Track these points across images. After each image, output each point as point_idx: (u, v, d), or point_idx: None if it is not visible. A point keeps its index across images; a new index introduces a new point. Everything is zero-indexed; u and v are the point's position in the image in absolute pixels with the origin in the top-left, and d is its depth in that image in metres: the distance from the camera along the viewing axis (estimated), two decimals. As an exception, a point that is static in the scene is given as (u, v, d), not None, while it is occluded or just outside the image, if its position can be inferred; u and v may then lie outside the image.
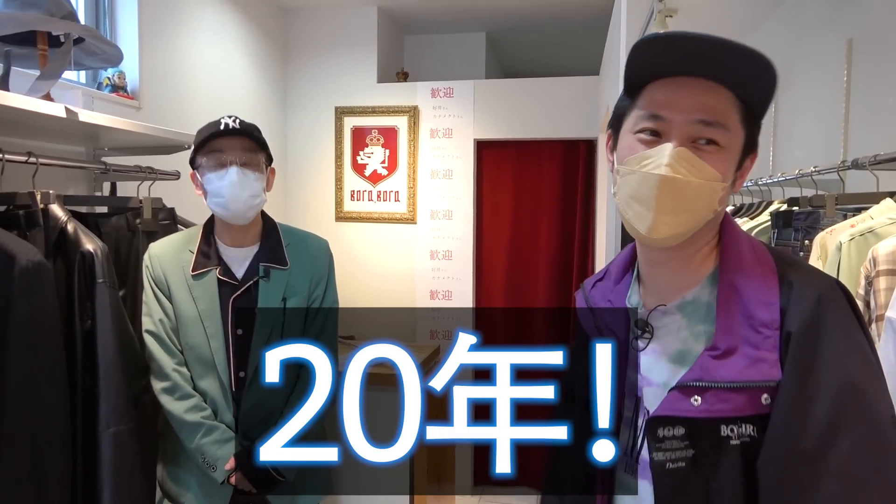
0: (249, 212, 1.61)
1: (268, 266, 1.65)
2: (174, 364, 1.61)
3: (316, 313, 1.71)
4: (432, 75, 3.81)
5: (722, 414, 0.74)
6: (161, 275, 1.63)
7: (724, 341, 0.76)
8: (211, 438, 1.57)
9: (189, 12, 2.70)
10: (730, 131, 0.78)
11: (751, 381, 0.73)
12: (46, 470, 1.29)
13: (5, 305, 1.26)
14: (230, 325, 1.61)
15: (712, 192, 0.77)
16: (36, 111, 1.45)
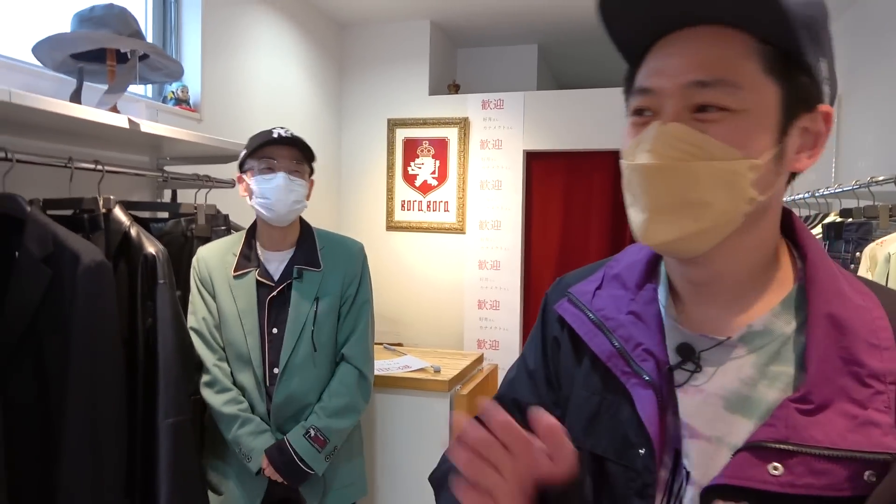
0: (291, 215, 1.72)
1: (301, 268, 1.75)
2: (215, 359, 1.71)
3: (348, 312, 1.79)
4: (484, 87, 3.85)
5: (812, 491, 0.55)
6: (207, 275, 1.75)
7: (820, 392, 0.56)
8: (246, 430, 1.66)
9: (249, 29, 2.83)
10: (742, 88, 0.57)
11: (858, 450, 0.54)
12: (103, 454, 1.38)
13: (70, 300, 1.36)
14: (266, 323, 1.71)
15: (730, 174, 0.57)
16: (103, 122, 1.56)
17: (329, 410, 1.71)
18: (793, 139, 0.60)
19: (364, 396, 1.79)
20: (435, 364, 2.30)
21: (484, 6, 3.35)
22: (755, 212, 0.60)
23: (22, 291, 1.37)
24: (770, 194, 0.60)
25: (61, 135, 1.73)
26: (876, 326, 0.58)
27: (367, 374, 1.79)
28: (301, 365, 1.71)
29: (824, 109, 0.60)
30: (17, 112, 1.38)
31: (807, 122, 0.60)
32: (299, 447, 1.65)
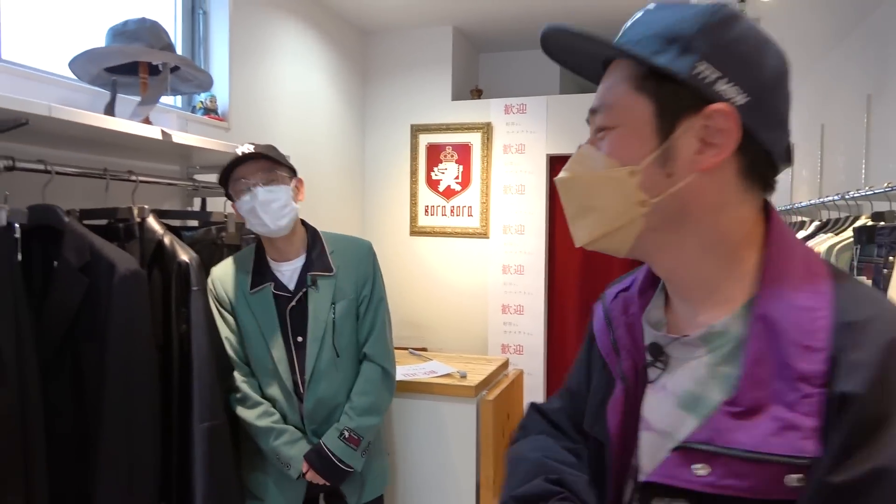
0: (283, 221, 1.70)
1: (315, 275, 1.77)
2: (242, 376, 1.75)
3: (366, 311, 1.82)
4: (506, 92, 3.85)
5: (736, 493, 0.56)
6: (224, 294, 1.77)
7: (749, 395, 0.57)
8: (282, 440, 1.70)
9: (275, 38, 2.87)
10: (614, 108, 0.65)
11: (773, 453, 0.54)
12: (138, 459, 1.41)
13: (106, 308, 1.39)
14: (289, 334, 1.74)
15: (613, 181, 0.63)
16: (137, 134, 1.60)
17: (359, 409, 1.75)
18: (684, 141, 0.62)
19: (389, 392, 1.84)
20: (461, 369, 2.30)
21: (506, 11, 3.36)
22: (666, 211, 0.63)
23: (60, 300, 1.41)
24: (665, 194, 0.62)
25: (94, 146, 1.78)
26: (814, 327, 0.57)
27: (390, 370, 1.83)
28: (326, 370, 1.74)
29: (713, 108, 0.60)
30: (56, 125, 1.42)
31: (698, 123, 0.61)
32: (336, 449, 1.69)
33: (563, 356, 3.57)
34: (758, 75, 0.61)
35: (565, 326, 3.57)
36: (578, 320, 3.55)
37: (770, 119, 0.62)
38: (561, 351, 3.57)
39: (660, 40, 0.62)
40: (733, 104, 0.60)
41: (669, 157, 0.62)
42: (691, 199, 0.62)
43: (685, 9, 0.63)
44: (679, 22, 0.62)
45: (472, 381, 2.18)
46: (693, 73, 0.60)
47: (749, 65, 0.61)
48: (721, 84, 0.60)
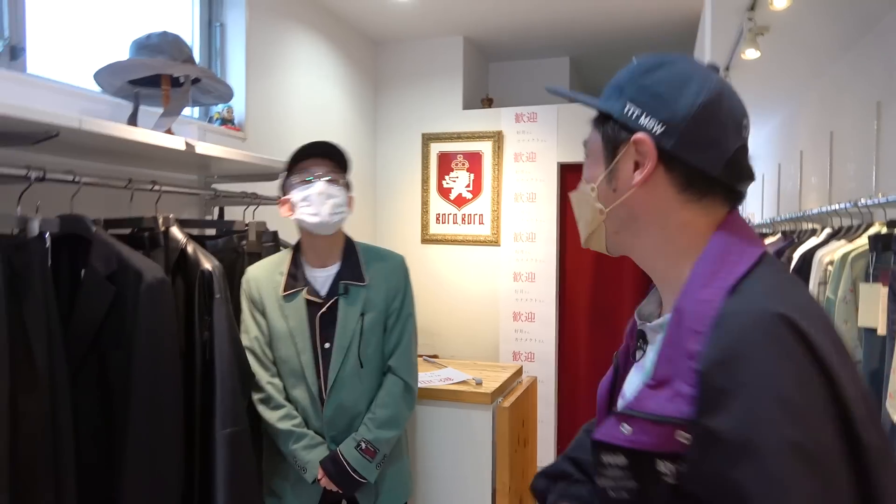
0: (333, 219, 1.74)
1: (347, 283, 1.79)
2: (268, 377, 1.77)
3: (394, 325, 1.84)
4: (517, 100, 3.88)
5: (645, 447, 0.68)
6: (257, 295, 1.80)
7: (660, 371, 0.70)
8: (301, 444, 1.72)
9: (289, 49, 2.91)
10: (587, 142, 0.85)
11: (666, 415, 0.66)
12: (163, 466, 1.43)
13: (133, 315, 1.42)
14: (318, 339, 1.76)
15: (583, 195, 0.85)
16: (160, 145, 1.63)
17: (378, 422, 1.76)
18: (623, 164, 0.79)
19: (409, 406, 1.85)
20: (476, 376, 2.32)
21: (516, 21, 3.40)
22: (619, 218, 0.81)
23: (88, 308, 1.44)
24: (614, 204, 0.80)
25: (115, 156, 1.80)
26: (705, 316, 0.68)
27: (412, 385, 1.84)
28: (349, 378, 1.76)
29: (635, 137, 0.76)
30: (84, 137, 1.45)
31: (631, 149, 0.77)
32: (352, 459, 1.70)
33: (574, 363, 3.58)
34: (673, 109, 0.74)
35: (577, 334, 3.58)
36: (590, 327, 3.56)
37: (693, 143, 0.74)
38: (573, 358, 3.58)
39: (612, 89, 0.81)
40: (652, 133, 0.75)
41: (614, 176, 0.80)
42: (637, 208, 0.79)
43: (632, 65, 0.81)
44: (623, 73, 0.81)
45: (488, 388, 2.19)
46: (623, 111, 0.77)
47: (664, 101, 0.75)
48: (643, 119, 0.76)
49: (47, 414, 1.29)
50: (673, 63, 0.77)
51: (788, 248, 2.66)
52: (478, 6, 3.18)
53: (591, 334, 3.56)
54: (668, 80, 0.76)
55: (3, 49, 1.70)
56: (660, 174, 0.75)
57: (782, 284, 0.71)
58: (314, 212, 1.72)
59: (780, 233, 3.28)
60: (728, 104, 0.75)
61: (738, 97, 0.77)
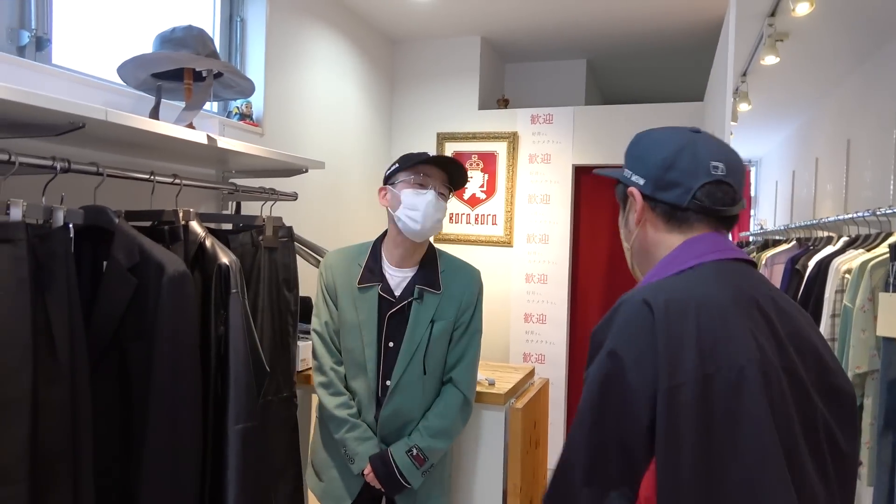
0: (432, 231, 1.76)
1: (423, 289, 1.78)
2: (332, 363, 1.79)
3: (460, 338, 1.82)
4: (532, 102, 3.88)
5: None
6: (332, 282, 1.81)
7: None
8: (353, 434, 1.74)
9: (308, 46, 2.92)
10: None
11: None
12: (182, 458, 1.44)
13: (154, 308, 1.42)
14: (384, 336, 1.77)
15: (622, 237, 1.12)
16: (183, 138, 1.64)
17: (432, 431, 1.76)
18: (630, 212, 1.05)
19: (464, 420, 1.85)
20: (489, 377, 2.31)
21: (533, 22, 3.39)
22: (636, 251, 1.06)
23: (109, 299, 1.44)
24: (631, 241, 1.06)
25: (136, 149, 1.81)
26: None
27: (471, 400, 1.84)
28: (410, 384, 1.76)
29: (629, 190, 1.04)
30: (108, 129, 1.46)
31: (630, 200, 1.04)
32: (401, 463, 1.72)
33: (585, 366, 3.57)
34: (648, 166, 1.01)
35: (588, 337, 3.57)
36: (600, 331, 3.55)
37: (662, 186, 0.99)
38: (583, 361, 3.56)
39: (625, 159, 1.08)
40: (637, 185, 1.02)
41: (627, 221, 1.07)
42: (643, 242, 1.04)
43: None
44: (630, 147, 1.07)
45: (501, 389, 2.19)
46: (624, 174, 1.06)
47: (641, 161, 1.03)
48: (633, 177, 1.04)
49: (68, 404, 1.29)
50: (652, 133, 1.05)
51: (804, 256, 2.64)
52: (495, 7, 3.18)
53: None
54: (644, 146, 1.04)
55: (30, 40, 1.71)
56: (648, 214, 1.02)
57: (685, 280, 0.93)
58: (418, 219, 1.72)
59: (794, 240, 3.26)
60: (693, 152, 0.97)
61: (712, 145, 0.99)
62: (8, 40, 1.69)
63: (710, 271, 0.94)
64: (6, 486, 1.17)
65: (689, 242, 0.98)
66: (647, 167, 1.01)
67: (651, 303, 0.87)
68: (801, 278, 2.50)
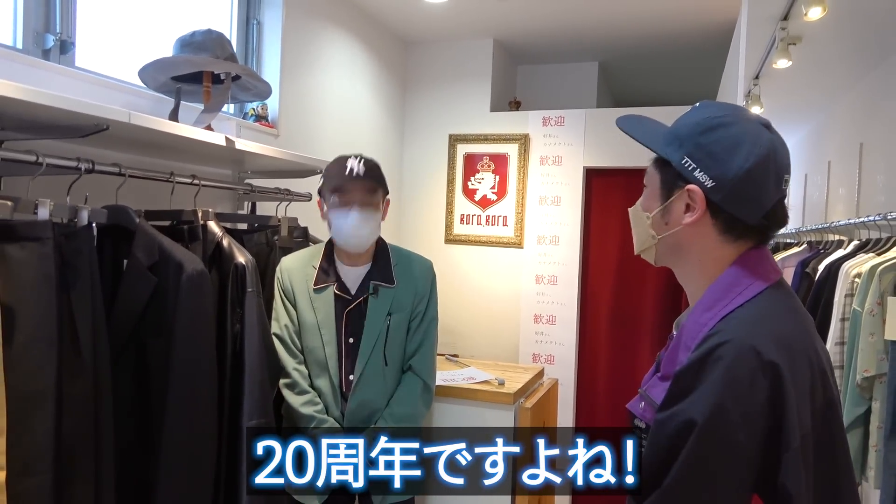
0: (366, 244, 1.84)
1: (377, 284, 1.85)
2: (295, 363, 1.83)
3: (417, 326, 1.90)
4: (544, 104, 3.90)
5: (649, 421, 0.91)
6: (289, 286, 1.86)
7: (665, 370, 0.92)
8: (322, 430, 1.77)
9: (323, 48, 2.95)
10: (646, 175, 1.00)
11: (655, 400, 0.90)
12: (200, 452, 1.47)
13: (174, 305, 1.46)
14: (343, 334, 1.82)
15: (639, 219, 1.01)
16: (201, 140, 1.67)
17: (396, 417, 1.82)
18: (676, 204, 0.94)
19: (426, 405, 1.92)
20: (499, 377, 2.34)
21: (545, 24, 3.41)
22: (668, 244, 0.97)
23: (130, 297, 1.48)
24: (665, 234, 0.96)
25: (154, 149, 1.85)
26: (697, 336, 0.87)
27: (431, 385, 1.91)
28: (373, 375, 1.82)
29: (689, 187, 0.91)
30: (130, 131, 1.50)
31: (684, 195, 0.92)
32: None
33: (594, 367, 3.59)
34: (723, 169, 0.88)
35: (597, 337, 3.59)
36: (611, 331, 3.56)
37: (737, 198, 0.89)
38: (593, 362, 3.59)
39: (671, 136, 0.94)
40: (703, 186, 0.90)
41: (667, 212, 0.95)
42: (682, 241, 0.95)
43: (693, 115, 0.94)
44: (681, 125, 0.94)
45: (511, 389, 2.21)
46: (681, 162, 0.92)
47: (717, 161, 0.89)
48: (697, 172, 0.90)
49: (90, 398, 1.33)
50: (729, 125, 0.90)
51: (814, 259, 2.65)
52: (508, 9, 3.20)
53: (612, 339, 3.57)
54: (722, 142, 0.89)
55: (55, 43, 1.76)
56: (705, 218, 0.91)
57: (771, 315, 0.86)
58: (347, 239, 1.80)
59: (805, 243, 3.26)
60: (773, 165, 0.88)
61: (784, 153, 0.90)
62: (34, 44, 1.74)
63: (780, 300, 0.90)
64: (31, 477, 1.21)
65: (748, 261, 0.91)
66: (723, 172, 0.88)
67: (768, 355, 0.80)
68: (812, 281, 2.51)
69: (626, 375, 3.54)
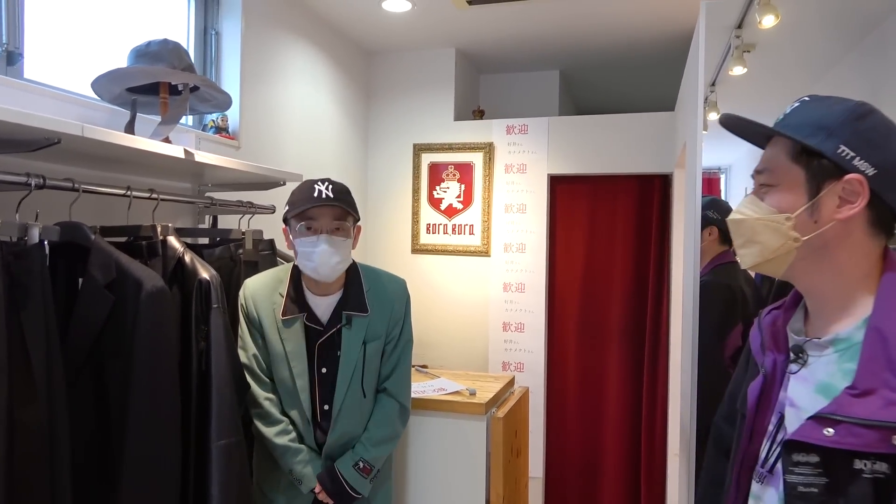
0: (336, 274, 1.74)
1: (350, 314, 1.78)
2: (265, 393, 1.77)
3: (392, 351, 1.85)
4: (507, 113, 3.91)
5: (852, 447, 0.80)
6: (255, 314, 1.79)
7: (864, 382, 0.82)
8: (297, 459, 1.74)
9: (284, 59, 2.91)
10: (774, 171, 0.94)
11: (882, 420, 0.78)
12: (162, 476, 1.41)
13: (133, 325, 1.40)
14: (315, 365, 1.77)
15: (773, 223, 0.92)
16: (158, 152, 1.62)
17: (374, 440, 1.80)
18: (828, 198, 0.88)
19: (403, 424, 1.89)
20: (470, 387, 2.32)
21: (507, 34, 3.43)
22: (812, 246, 0.90)
23: (86, 317, 1.42)
24: (812, 235, 0.89)
25: (110, 163, 1.79)
26: None
27: (407, 406, 1.89)
28: (352, 407, 1.78)
29: (851, 177, 0.86)
30: (84, 144, 1.44)
31: (839, 186, 0.87)
32: (349, 477, 1.75)
33: (563, 373, 3.59)
34: (885, 155, 0.87)
35: (565, 344, 3.60)
36: (578, 338, 3.58)
37: (894, 185, 0.87)
38: (561, 368, 3.60)
39: (811, 127, 0.89)
40: (865, 175, 0.86)
41: (816, 209, 0.89)
42: (831, 239, 0.89)
43: (832, 105, 0.90)
44: (827, 115, 0.89)
45: (482, 399, 2.20)
46: (837, 152, 0.87)
47: (877, 147, 0.87)
48: (856, 160, 0.86)
49: (44, 425, 1.27)
50: (874, 112, 0.89)
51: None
52: (469, 18, 3.21)
53: (580, 345, 3.58)
54: (878, 128, 0.88)
55: (1, 54, 1.68)
56: (860, 210, 0.87)
57: None
58: (315, 269, 1.70)
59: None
60: None
61: None
62: (-22, 55, 1.67)
63: None
64: (-19, 510, 1.15)
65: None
66: (884, 158, 0.86)
67: None
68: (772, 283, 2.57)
69: (595, 381, 3.56)
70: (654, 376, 3.42)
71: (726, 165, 4.61)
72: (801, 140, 0.89)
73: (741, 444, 0.99)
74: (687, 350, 2.17)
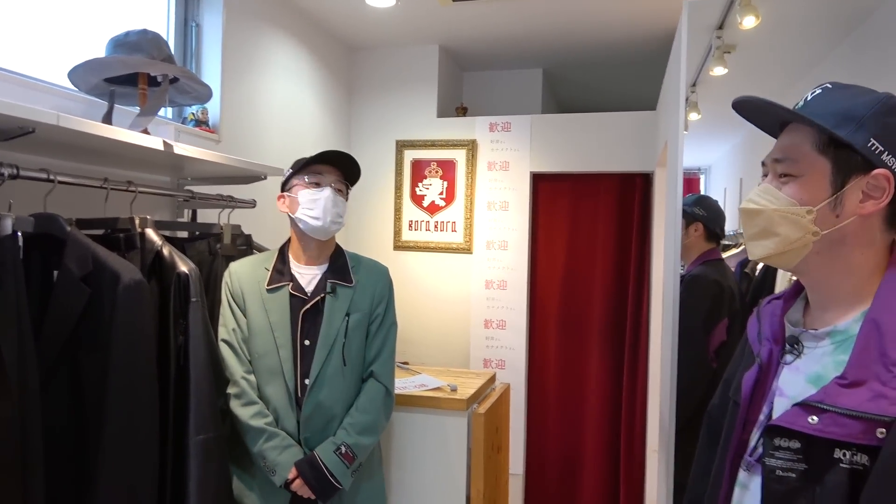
0: (333, 227, 1.79)
1: (335, 283, 1.80)
2: (243, 372, 1.75)
3: (377, 330, 1.85)
4: (490, 110, 3.92)
5: (836, 437, 0.79)
6: (238, 289, 1.79)
7: (854, 373, 0.81)
8: (272, 444, 1.69)
9: (266, 53, 2.88)
10: (798, 162, 0.90)
11: (867, 412, 0.77)
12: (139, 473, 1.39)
13: (109, 318, 1.38)
14: (299, 335, 1.75)
15: (793, 215, 0.89)
16: (136, 144, 1.60)
17: (358, 427, 1.75)
18: (852, 192, 0.86)
19: (387, 415, 1.85)
20: (451, 383, 2.32)
21: (490, 31, 3.43)
22: (830, 241, 0.88)
23: (61, 310, 1.39)
24: (832, 229, 0.87)
25: (87, 155, 1.76)
26: None
27: (391, 391, 1.85)
28: (331, 377, 1.75)
29: (879, 172, 0.84)
30: (59, 134, 1.41)
31: (866, 180, 0.85)
32: (330, 463, 1.68)
33: (544, 371, 3.61)
34: None
35: (547, 341, 3.61)
36: (559, 335, 3.60)
37: None
38: (542, 365, 3.61)
39: (837, 117, 0.86)
40: (892, 170, 0.84)
41: (839, 203, 0.87)
42: (849, 234, 0.87)
43: (858, 95, 0.88)
44: (854, 106, 0.86)
45: (464, 395, 2.20)
46: (867, 145, 0.84)
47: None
48: (884, 155, 0.84)
49: (15, 421, 1.24)
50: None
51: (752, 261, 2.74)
52: (453, 15, 3.21)
53: (561, 342, 3.60)
54: None
55: (-26, 42, 1.65)
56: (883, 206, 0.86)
57: None
58: (318, 216, 1.76)
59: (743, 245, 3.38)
60: None
61: None
62: (-50, 42, 1.63)
63: None
64: (-49, 507, 1.12)
65: None
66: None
67: None
68: (750, 280, 2.60)
69: (575, 378, 3.58)
70: (633, 373, 3.45)
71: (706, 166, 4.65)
72: (829, 130, 0.85)
73: (735, 433, 0.98)
74: (667, 347, 2.19)
